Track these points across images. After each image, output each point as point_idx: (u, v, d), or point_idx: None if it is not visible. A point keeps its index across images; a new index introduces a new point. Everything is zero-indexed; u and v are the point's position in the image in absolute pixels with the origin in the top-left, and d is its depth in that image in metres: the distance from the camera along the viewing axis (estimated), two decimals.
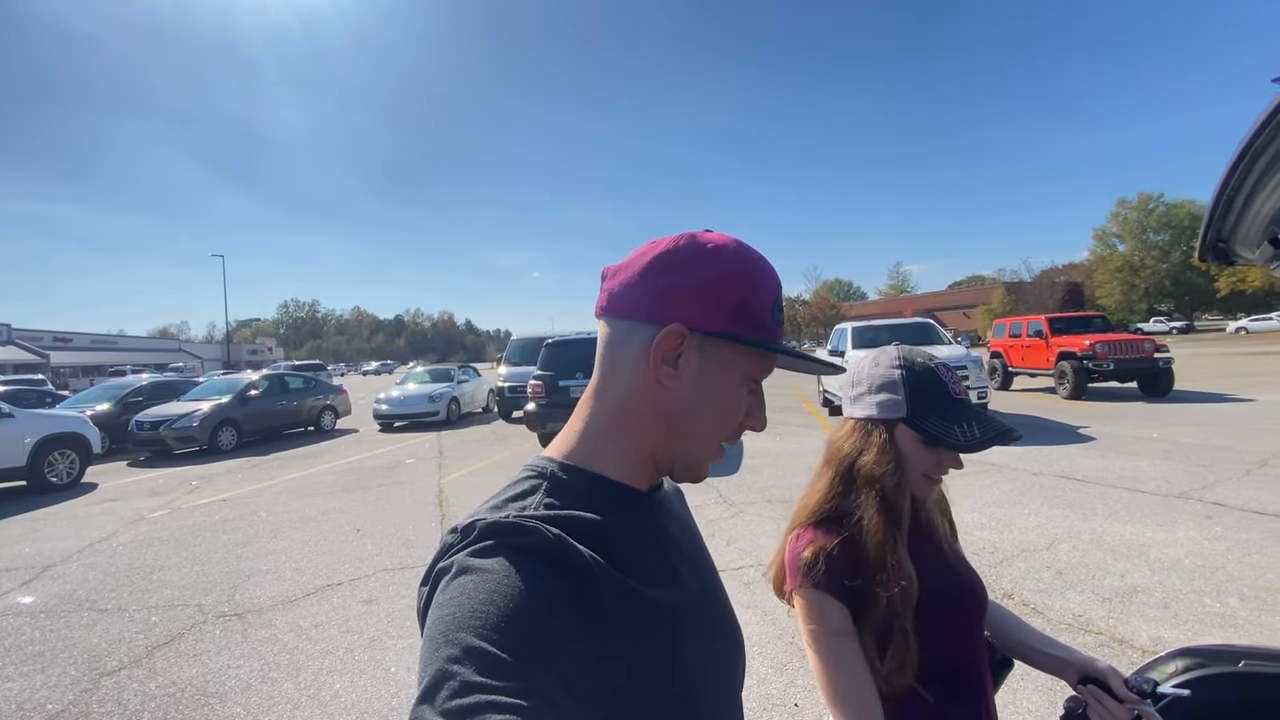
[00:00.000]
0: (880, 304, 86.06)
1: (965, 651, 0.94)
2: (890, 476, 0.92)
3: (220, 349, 59.21)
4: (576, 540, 0.49)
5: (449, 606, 0.43)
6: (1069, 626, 3.10)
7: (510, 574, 0.44)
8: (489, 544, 0.46)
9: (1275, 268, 0.75)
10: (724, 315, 0.56)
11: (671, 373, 0.56)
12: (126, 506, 7.05)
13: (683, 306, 0.55)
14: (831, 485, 0.97)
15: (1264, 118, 0.53)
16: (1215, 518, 4.58)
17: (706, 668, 0.56)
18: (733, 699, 0.61)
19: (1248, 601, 3.26)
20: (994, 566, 3.90)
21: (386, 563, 4.60)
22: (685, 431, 0.58)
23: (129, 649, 3.36)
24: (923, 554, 0.94)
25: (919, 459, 0.93)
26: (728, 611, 0.64)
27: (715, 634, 0.60)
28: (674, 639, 0.52)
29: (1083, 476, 6.05)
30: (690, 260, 0.57)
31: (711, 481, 6.53)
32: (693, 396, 0.57)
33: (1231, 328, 43.02)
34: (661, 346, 0.55)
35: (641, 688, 0.48)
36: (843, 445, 0.98)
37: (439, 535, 5.16)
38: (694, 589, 0.59)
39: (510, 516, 0.49)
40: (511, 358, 14.31)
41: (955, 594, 0.95)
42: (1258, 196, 0.66)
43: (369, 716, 2.65)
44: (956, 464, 0.94)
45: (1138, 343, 11.89)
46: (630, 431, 0.58)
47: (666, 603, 0.53)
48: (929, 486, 0.95)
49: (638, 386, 0.57)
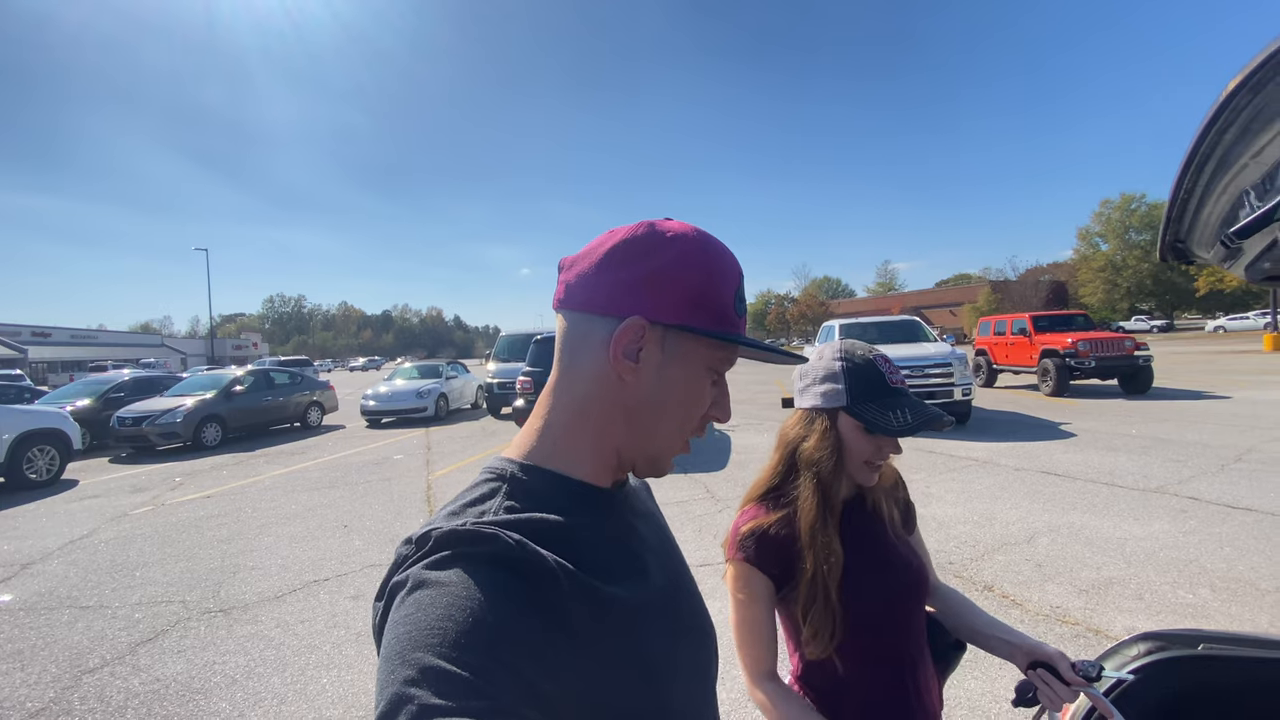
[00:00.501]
0: (868, 301, 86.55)
1: (895, 629, 1.01)
2: (827, 461, 1.00)
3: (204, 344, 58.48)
4: (539, 544, 0.47)
5: (405, 624, 0.41)
6: (1047, 617, 3.16)
7: (469, 586, 0.42)
8: (445, 555, 0.44)
9: (1229, 267, 0.79)
10: (685, 306, 0.54)
11: (632, 366, 0.54)
12: (108, 503, 6.97)
13: (642, 298, 0.54)
14: (776, 468, 1.07)
15: (1203, 127, 0.56)
16: (1190, 512, 4.69)
17: (676, 664, 0.55)
18: (706, 694, 0.61)
19: (1219, 592, 3.35)
20: (975, 560, 3.97)
21: (374, 558, 4.59)
22: (647, 426, 0.57)
23: (112, 646, 3.33)
24: (863, 536, 1.03)
25: (859, 446, 0.99)
26: (698, 606, 0.64)
27: (685, 629, 0.59)
28: (642, 637, 0.52)
29: (1063, 472, 6.15)
30: (649, 250, 0.55)
31: (699, 477, 6.58)
32: (655, 390, 0.56)
33: (1210, 326, 43.80)
34: (621, 340, 0.53)
35: (611, 688, 0.47)
36: (789, 432, 1.07)
37: None
38: (662, 585, 0.58)
39: (468, 524, 0.47)
40: (500, 354, 14.26)
41: (888, 576, 1.02)
42: (1208, 201, 0.69)
43: (356, 710, 2.66)
44: (895, 449, 1.00)
45: (1118, 341, 12.10)
46: (591, 428, 0.56)
47: (634, 601, 0.52)
48: (870, 473, 1.01)
49: (598, 381, 0.55)
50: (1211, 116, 0.54)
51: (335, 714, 2.63)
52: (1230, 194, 0.67)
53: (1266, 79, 0.48)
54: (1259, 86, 0.49)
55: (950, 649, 1.11)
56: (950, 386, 8.97)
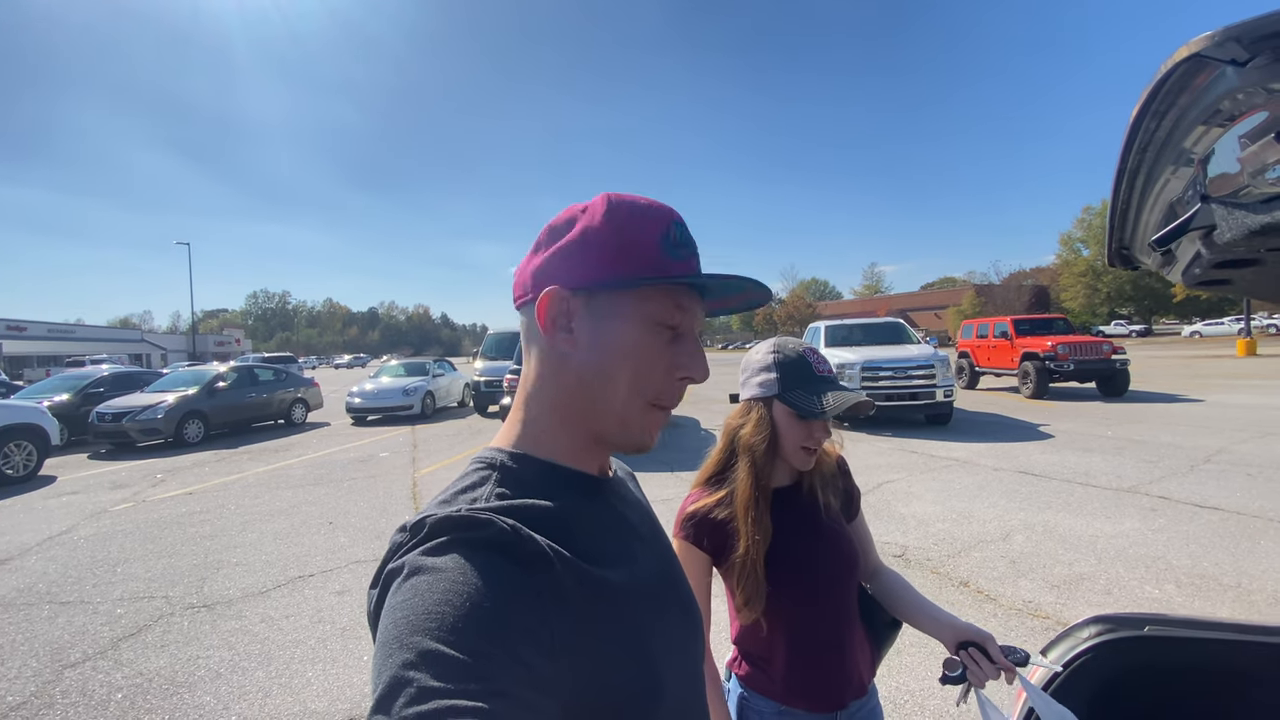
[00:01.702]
0: (855, 303, 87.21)
1: (820, 602, 1.11)
2: (761, 445, 1.10)
3: (185, 340, 57.54)
4: (531, 529, 0.48)
5: (402, 609, 0.41)
6: (1019, 612, 3.25)
7: (465, 570, 0.43)
8: (441, 540, 0.45)
9: (1168, 272, 0.85)
10: (601, 265, 0.54)
11: (568, 338, 0.55)
12: (88, 499, 6.88)
13: (557, 270, 0.55)
14: (720, 454, 1.18)
15: (1124, 143, 0.61)
16: (1160, 511, 4.82)
17: (668, 647, 0.56)
18: (694, 676, 0.62)
19: (1184, 588, 3.46)
20: (952, 556, 4.06)
21: (360, 554, 4.60)
22: (603, 395, 0.56)
23: (94, 641, 3.32)
24: (795, 518, 1.13)
25: (792, 431, 1.09)
26: (685, 591, 0.65)
27: (674, 613, 0.61)
28: (635, 620, 0.53)
29: (1040, 472, 6.29)
30: (562, 226, 0.57)
31: (684, 475, 6.64)
32: (597, 356, 0.55)
33: (1187, 331, 44.70)
34: (543, 313, 0.55)
35: (606, 670, 0.48)
36: (732, 421, 1.18)
37: None
38: (651, 569, 0.59)
39: (462, 510, 0.48)
40: (488, 352, 14.25)
41: (815, 554, 1.12)
42: (1143, 210, 0.75)
43: (341, 704, 2.68)
44: (825, 433, 1.10)
45: (1097, 345, 12.35)
46: (559, 411, 0.58)
47: (626, 585, 0.53)
48: (806, 457, 1.10)
49: (547, 363, 0.58)
50: (1128, 137, 0.60)
51: (320, 707, 2.65)
52: (1161, 205, 0.73)
53: (1164, 107, 0.54)
54: (1160, 113, 0.55)
55: (886, 626, 1.21)
56: (932, 388, 9.11)
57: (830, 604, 1.11)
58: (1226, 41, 0.42)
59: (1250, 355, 22.28)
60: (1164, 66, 0.48)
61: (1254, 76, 0.43)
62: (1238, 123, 0.49)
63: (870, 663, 1.18)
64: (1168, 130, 0.56)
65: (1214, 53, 0.43)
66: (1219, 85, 0.47)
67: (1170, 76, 0.49)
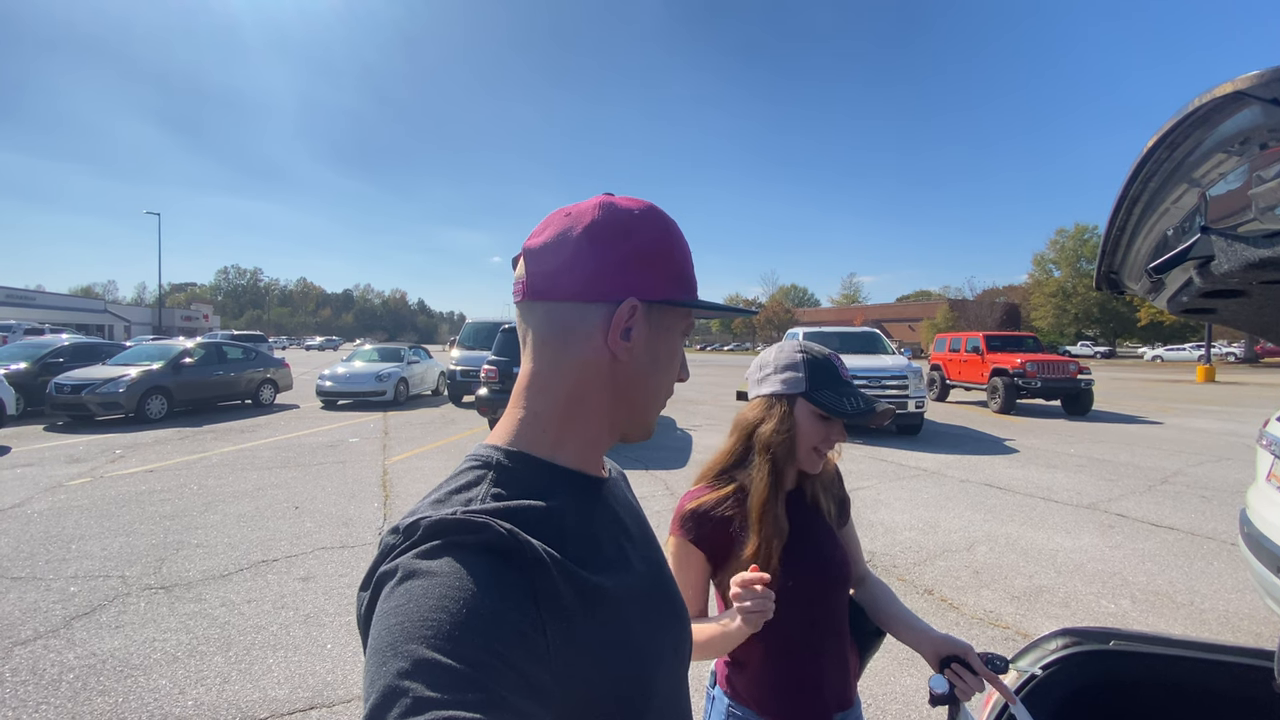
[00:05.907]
0: (833, 311, 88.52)
1: (817, 607, 1.10)
2: (783, 444, 1.08)
3: (151, 313, 55.84)
4: (528, 532, 0.47)
5: (396, 615, 0.40)
6: (981, 620, 3.34)
7: (460, 576, 0.42)
8: (435, 544, 0.44)
9: (1154, 299, 0.87)
10: (669, 282, 0.57)
11: (626, 346, 0.56)
12: (42, 473, 6.65)
13: (630, 279, 0.55)
14: (733, 449, 1.15)
15: (1131, 173, 0.63)
16: (1117, 528, 4.98)
17: (658, 650, 0.57)
18: (680, 679, 0.63)
19: (1139, 604, 3.58)
20: (918, 564, 4.14)
21: (326, 541, 4.52)
22: (639, 399, 0.60)
23: (45, 619, 3.21)
24: (800, 523, 1.11)
25: (811, 431, 1.08)
26: (674, 594, 0.66)
27: (664, 617, 0.61)
28: (628, 624, 0.53)
29: (1004, 485, 6.45)
30: (625, 230, 0.56)
31: (659, 474, 6.66)
32: (646, 365, 0.59)
33: (1148, 355, 46.28)
34: (619, 323, 0.55)
35: (600, 676, 0.48)
36: (748, 415, 1.15)
37: (382, 516, 5.11)
38: (643, 573, 0.59)
39: (457, 512, 0.47)
40: (465, 341, 14.10)
41: (819, 559, 1.11)
42: (1137, 238, 0.78)
43: (302, 691, 2.63)
44: (842, 437, 1.10)
45: (1064, 364, 12.71)
46: (585, 413, 0.58)
47: (619, 589, 0.53)
48: (817, 460, 1.10)
49: (593, 366, 0.57)
50: (1137, 165, 0.62)
51: (281, 694, 2.60)
52: (1156, 233, 0.75)
53: (1180, 139, 0.55)
54: (1175, 144, 0.56)
55: (870, 634, 1.22)
56: (905, 398, 9.28)
57: (822, 612, 1.11)
58: (1272, 82, 0.44)
59: (1209, 381, 23.16)
60: (1197, 100, 0.49)
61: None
62: (1265, 154, 0.50)
63: (858, 669, 1.18)
64: (1179, 160, 0.58)
65: (1259, 92, 0.45)
66: (1246, 119, 0.48)
67: (1199, 111, 0.50)
